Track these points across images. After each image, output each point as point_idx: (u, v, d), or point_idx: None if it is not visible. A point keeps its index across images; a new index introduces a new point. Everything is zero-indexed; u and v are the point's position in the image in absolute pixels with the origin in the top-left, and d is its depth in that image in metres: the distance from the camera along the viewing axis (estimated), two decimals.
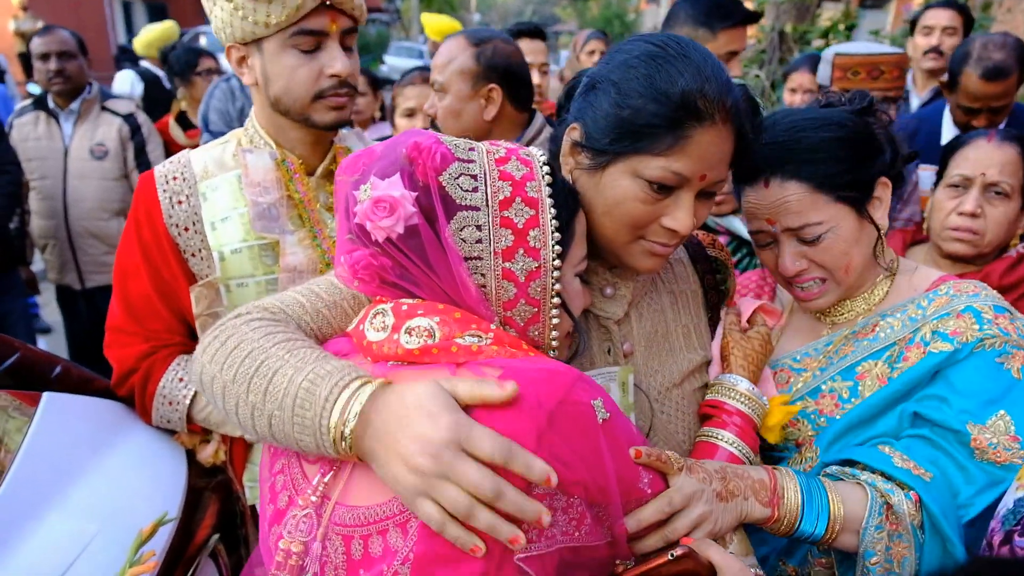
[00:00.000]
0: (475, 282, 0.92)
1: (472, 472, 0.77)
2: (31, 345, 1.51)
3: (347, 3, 1.40)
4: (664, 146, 1.02)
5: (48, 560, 1.17)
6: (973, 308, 1.25)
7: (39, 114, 3.66)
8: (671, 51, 1.04)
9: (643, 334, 1.22)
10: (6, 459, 1.25)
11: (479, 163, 0.94)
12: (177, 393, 1.51)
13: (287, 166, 1.51)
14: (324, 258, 1.52)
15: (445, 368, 0.89)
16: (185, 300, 1.49)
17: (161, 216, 1.46)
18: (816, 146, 1.25)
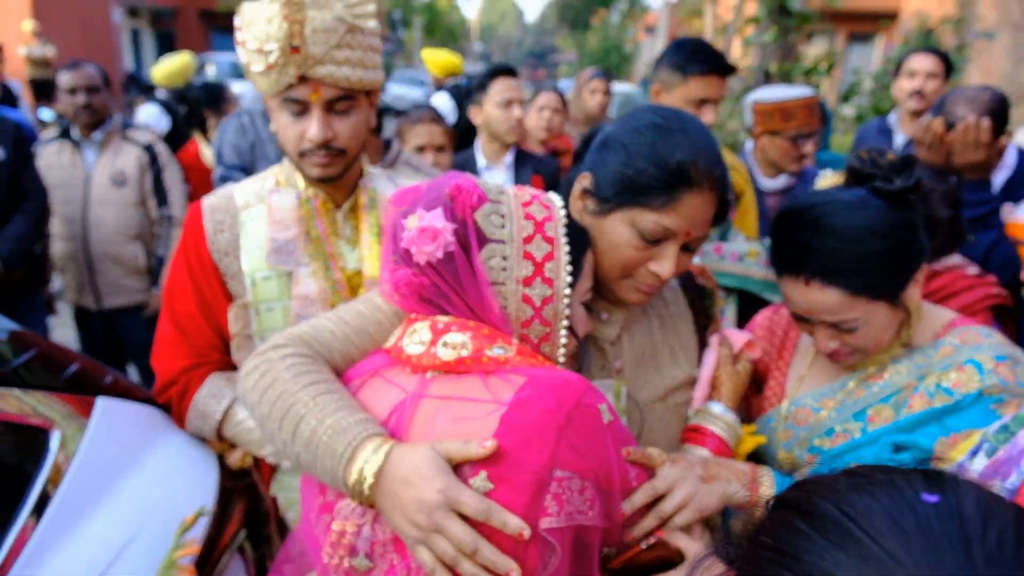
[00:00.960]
0: (499, 303, 1.10)
1: (457, 530, 0.95)
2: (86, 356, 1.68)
3: (328, 78, 1.47)
4: (658, 204, 1.20)
5: (105, 546, 1.33)
6: (975, 360, 1.34)
7: (64, 143, 3.84)
8: (673, 125, 1.23)
9: (632, 354, 1.39)
10: (64, 463, 1.42)
11: (507, 204, 1.12)
12: (209, 408, 1.67)
13: (311, 204, 1.70)
14: (334, 288, 1.67)
15: (477, 376, 1.06)
16: (224, 319, 1.65)
17: (206, 242, 1.63)
18: (858, 259, 1.29)
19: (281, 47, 1.41)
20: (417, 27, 31.12)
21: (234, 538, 1.61)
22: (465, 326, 1.09)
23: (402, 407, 1.07)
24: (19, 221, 3.34)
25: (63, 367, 1.55)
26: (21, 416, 1.32)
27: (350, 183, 1.70)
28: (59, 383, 1.49)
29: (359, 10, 1.46)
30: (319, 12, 1.42)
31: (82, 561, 1.29)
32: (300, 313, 1.64)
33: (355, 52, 1.48)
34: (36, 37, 13.90)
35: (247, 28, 1.46)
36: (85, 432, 1.43)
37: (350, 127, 1.56)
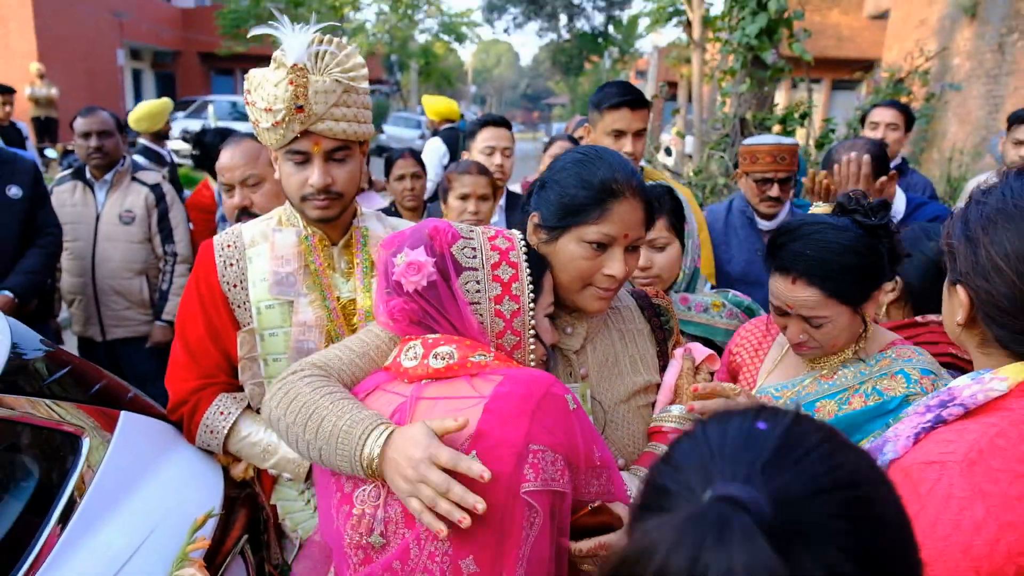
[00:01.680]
0: (476, 319, 1.34)
1: (435, 475, 1.16)
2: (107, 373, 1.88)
3: (327, 132, 1.67)
4: (595, 217, 1.45)
5: (126, 541, 1.51)
6: (905, 372, 1.66)
7: (76, 183, 4.05)
8: (591, 155, 1.52)
9: (596, 362, 1.61)
10: (90, 471, 1.60)
11: (476, 239, 1.38)
12: (217, 424, 1.85)
13: (309, 241, 1.90)
14: (330, 316, 1.86)
15: (463, 379, 1.28)
16: (231, 344, 1.84)
17: (216, 275, 1.83)
18: (837, 268, 1.63)
19: (287, 107, 1.63)
20: (413, 70, 31.79)
21: (237, 543, 1.78)
22: (451, 340, 1.33)
23: (403, 408, 1.30)
24: (34, 255, 3.53)
25: (92, 383, 1.74)
26: (58, 423, 1.51)
27: (345, 223, 1.90)
28: (88, 397, 1.68)
29: (354, 73, 1.69)
30: (320, 76, 1.65)
31: (106, 554, 1.47)
32: (299, 338, 1.83)
33: (350, 109, 1.70)
34: (41, 79, 14.28)
35: (256, 90, 1.69)
36: (110, 441, 1.62)
37: (346, 173, 1.78)
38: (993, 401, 1.08)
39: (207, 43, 26.05)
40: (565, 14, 35.97)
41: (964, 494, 0.99)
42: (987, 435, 1.04)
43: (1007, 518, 0.97)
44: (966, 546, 0.96)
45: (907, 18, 12.62)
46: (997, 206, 1.10)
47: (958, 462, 1.02)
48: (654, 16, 16.65)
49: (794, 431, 0.66)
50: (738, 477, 0.61)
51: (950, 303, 1.21)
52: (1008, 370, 1.10)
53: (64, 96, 15.20)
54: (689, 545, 0.55)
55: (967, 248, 1.12)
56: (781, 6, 4.89)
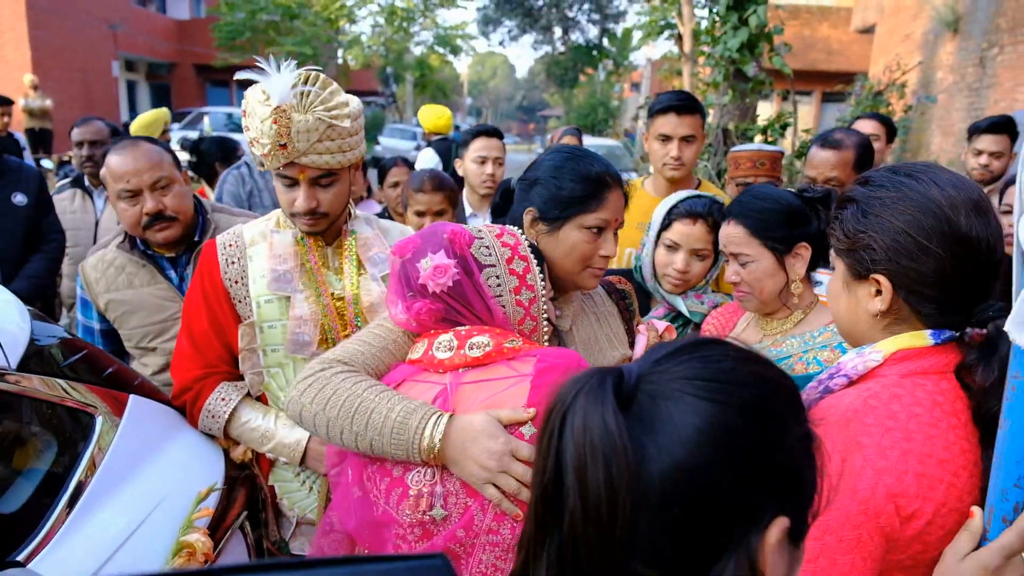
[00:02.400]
0: (500, 310, 1.48)
1: (519, 468, 1.31)
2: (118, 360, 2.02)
3: (311, 164, 1.79)
4: (594, 206, 1.66)
5: (134, 513, 1.65)
6: (842, 346, 1.84)
7: (75, 191, 4.19)
8: (579, 153, 1.75)
9: (581, 340, 1.79)
10: (99, 455, 1.73)
11: (488, 238, 1.52)
12: (218, 409, 1.98)
13: (304, 242, 2.04)
14: (324, 310, 1.99)
15: (501, 364, 1.40)
16: (233, 336, 1.97)
17: (219, 272, 1.97)
18: (760, 210, 1.93)
19: (272, 143, 1.75)
20: (409, 82, 32.04)
21: (237, 519, 1.91)
22: (483, 330, 1.46)
23: (444, 394, 1.41)
24: (38, 261, 3.66)
25: (104, 367, 1.88)
26: (74, 403, 1.65)
27: (337, 228, 2.05)
28: (101, 380, 1.81)
29: (336, 111, 1.78)
30: (302, 115, 1.74)
31: (116, 523, 1.60)
32: (295, 330, 1.97)
33: (334, 143, 1.81)
34: (35, 90, 14.40)
35: (249, 117, 1.80)
36: (121, 421, 1.75)
37: (332, 196, 1.91)
38: (871, 371, 1.23)
39: (202, 55, 26.24)
40: (560, 27, 36.34)
41: (843, 448, 1.13)
42: (861, 397, 1.18)
43: (881, 464, 1.11)
44: (851, 490, 1.10)
45: (892, 32, 12.88)
46: (897, 195, 1.20)
47: (836, 421, 1.16)
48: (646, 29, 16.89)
49: (701, 344, 0.78)
50: (641, 364, 0.78)
51: (853, 297, 1.27)
52: (883, 344, 1.23)
53: (59, 107, 15.32)
54: (567, 390, 0.74)
55: (884, 236, 1.19)
56: (761, 21, 5.07)
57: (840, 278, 1.31)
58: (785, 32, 8.83)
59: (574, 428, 0.71)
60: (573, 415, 0.72)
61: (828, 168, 2.92)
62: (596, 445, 0.69)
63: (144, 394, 1.92)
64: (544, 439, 0.75)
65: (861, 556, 1.09)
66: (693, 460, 0.70)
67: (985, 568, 1.04)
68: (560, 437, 0.72)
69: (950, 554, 1.08)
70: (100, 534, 1.54)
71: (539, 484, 0.76)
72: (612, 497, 0.68)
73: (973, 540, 1.08)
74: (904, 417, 1.15)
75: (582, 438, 0.70)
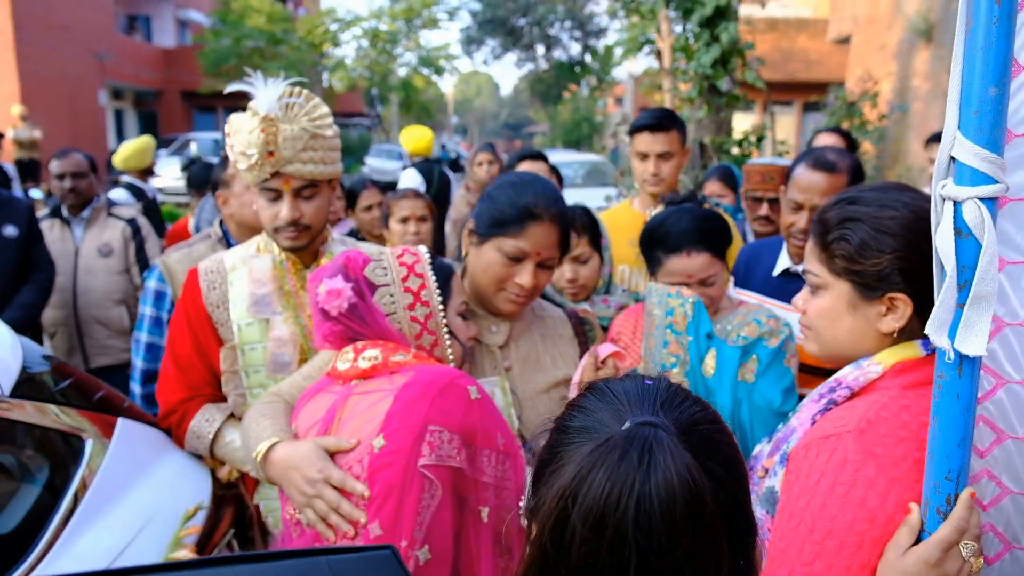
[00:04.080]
0: (395, 327, 1.57)
1: (329, 493, 1.43)
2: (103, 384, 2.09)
3: (295, 173, 1.89)
4: (513, 232, 1.70)
5: (124, 532, 1.71)
6: (756, 319, 2.08)
7: (54, 221, 4.23)
8: (525, 180, 1.80)
9: (519, 358, 1.85)
10: (89, 476, 1.79)
11: (386, 260, 1.61)
12: (203, 430, 2.04)
13: (283, 266, 2.11)
14: (302, 331, 2.06)
15: (385, 376, 1.50)
16: (216, 359, 2.04)
17: (201, 297, 2.04)
18: (711, 231, 2.05)
19: (259, 152, 1.86)
20: (394, 103, 32.22)
21: (224, 536, 1.97)
22: (376, 344, 1.57)
23: (335, 404, 1.53)
24: (29, 290, 3.73)
25: (93, 392, 1.95)
26: (64, 427, 1.71)
27: (314, 249, 2.13)
28: (90, 404, 1.88)
29: (319, 121, 1.91)
30: (288, 125, 1.87)
31: (106, 541, 1.66)
32: (275, 351, 2.04)
33: (317, 152, 1.92)
34: (23, 121, 14.46)
35: (234, 135, 1.91)
36: (110, 443, 1.82)
37: (314, 208, 2.00)
38: (872, 382, 1.27)
39: (189, 82, 26.38)
40: (542, 45, 36.64)
41: (857, 458, 1.17)
42: (872, 408, 1.22)
43: (894, 474, 1.15)
44: (861, 500, 1.14)
45: (867, 42, 13.10)
46: (909, 214, 1.24)
47: (851, 432, 1.19)
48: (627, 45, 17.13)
49: (671, 386, 0.89)
50: (647, 411, 0.82)
51: (862, 318, 1.28)
52: (881, 356, 1.28)
53: (47, 137, 15.37)
54: (629, 459, 0.73)
55: (912, 256, 1.21)
56: (733, 37, 5.20)
57: (843, 299, 1.29)
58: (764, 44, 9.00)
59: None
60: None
61: (817, 194, 2.33)
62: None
63: (132, 417, 1.99)
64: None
65: (859, 564, 1.12)
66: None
67: (926, 562, 1.08)
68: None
69: (892, 549, 1.12)
70: (91, 553, 1.60)
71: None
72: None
73: (912, 534, 1.12)
74: (915, 427, 1.18)
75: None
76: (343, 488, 1.42)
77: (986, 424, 1.24)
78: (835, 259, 1.28)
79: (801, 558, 1.15)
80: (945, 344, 1.05)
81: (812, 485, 1.18)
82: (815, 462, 1.20)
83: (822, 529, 1.14)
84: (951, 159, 1.03)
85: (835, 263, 1.29)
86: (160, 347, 2.55)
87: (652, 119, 2.98)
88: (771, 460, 1.38)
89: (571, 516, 0.72)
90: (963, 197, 1.01)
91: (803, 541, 1.15)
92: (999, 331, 1.20)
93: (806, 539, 1.15)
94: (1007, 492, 1.24)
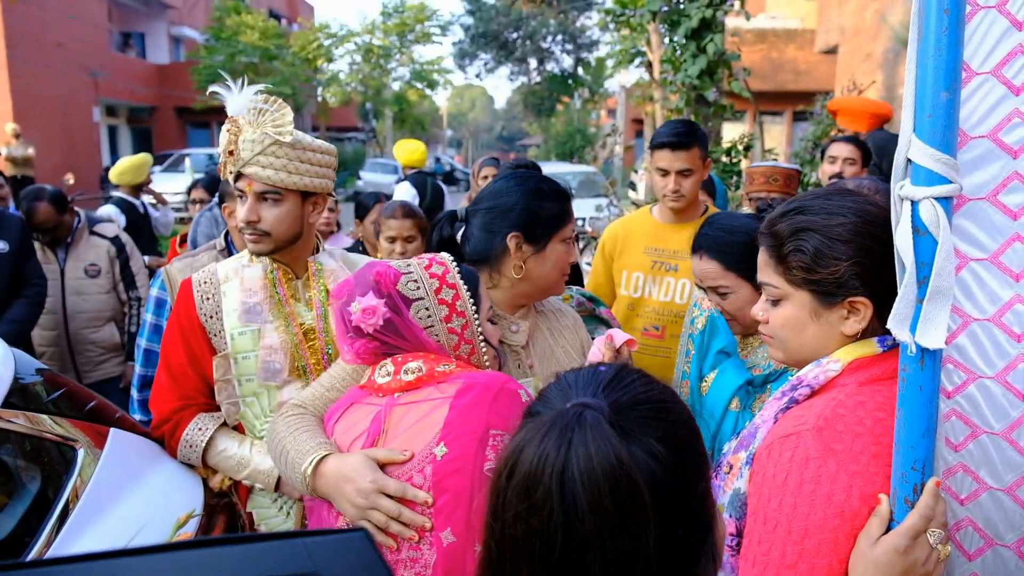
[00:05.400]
0: (433, 340, 1.57)
1: (386, 503, 1.42)
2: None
3: (254, 175, 1.92)
4: (565, 221, 1.84)
5: (115, 541, 1.73)
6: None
7: (37, 244, 4.17)
8: (538, 176, 1.93)
9: (537, 354, 1.90)
10: (81, 486, 1.82)
11: (415, 272, 1.60)
12: (196, 439, 2.06)
13: (274, 275, 2.15)
14: (293, 340, 2.08)
15: (431, 386, 1.48)
16: (209, 369, 2.06)
17: (195, 308, 2.06)
18: (729, 243, 1.98)
19: (223, 151, 1.94)
20: (388, 117, 32.34)
21: None
22: (417, 356, 1.55)
23: (379, 415, 1.52)
24: (21, 305, 3.75)
25: (85, 403, 1.97)
26: (57, 437, 1.74)
27: (304, 260, 2.15)
28: (82, 414, 1.90)
29: (282, 128, 1.94)
30: (250, 128, 1.93)
31: (100, 547, 1.68)
32: (266, 359, 2.06)
33: (279, 159, 1.94)
34: (17, 138, 14.49)
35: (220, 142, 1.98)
36: (102, 453, 1.84)
37: (274, 215, 1.99)
38: (831, 380, 1.30)
39: (182, 98, 26.44)
40: (535, 58, 36.87)
41: (817, 454, 1.20)
42: (830, 406, 1.25)
43: (854, 468, 1.18)
44: (828, 496, 1.17)
45: (854, 53, 13.23)
46: (856, 219, 1.27)
47: (810, 429, 1.22)
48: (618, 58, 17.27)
49: (622, 371, 0.94)
50: (587, 394, 0.88)
51: (825, 324, 1.31)
52: (839, 353, 1.31)
53: (41, 154, 15.38)
54: (556, 433, 0.80)
55: (866, 259, 1.24)
56: (719, 49, 5.27)
57: (805, 308, 1.32)
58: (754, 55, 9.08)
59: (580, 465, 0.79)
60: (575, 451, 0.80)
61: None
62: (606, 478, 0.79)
63: (124, 427, 2.01)
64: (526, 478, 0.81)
65: (839, 559, 1.15)
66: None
67: (896, 550, 1.12)
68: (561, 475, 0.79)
69: (863, 539, 1.15)
70: None
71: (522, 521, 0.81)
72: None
73: (882, 524, 1.16)
74: (870, 422, 1.21)
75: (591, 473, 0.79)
76: (403, 498, 1.41)
77: (959, 418, 1.26)
78: (792, 270, 1.31)
79: (784, 560, 1.17)
80: (907, 338, 1.09)
81: (780, 485, 1.21)
82: (778, 461, 1.23)
83: (799, 530, 1.17)
84: (908, 161, 1.07)
85: (793, 274, 1.31)
86: (157, 353, 2.59)
87: (672, 136, 2.90)
88: (737, 457, 1.40)
89: (506, 488, 0.80)
90: (919, 197, 1.05)
91: (783, 543, 1.18)
92: (967, 326, 1.23)
93: (786, 541, 1.18)
94: (985, 487, 1.26)
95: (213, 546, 0.61)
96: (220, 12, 26.41)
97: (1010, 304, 1.19)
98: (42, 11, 19.84)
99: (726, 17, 5.73)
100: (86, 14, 22.25)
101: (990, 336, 1.21)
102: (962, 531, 1.27)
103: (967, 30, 1.05)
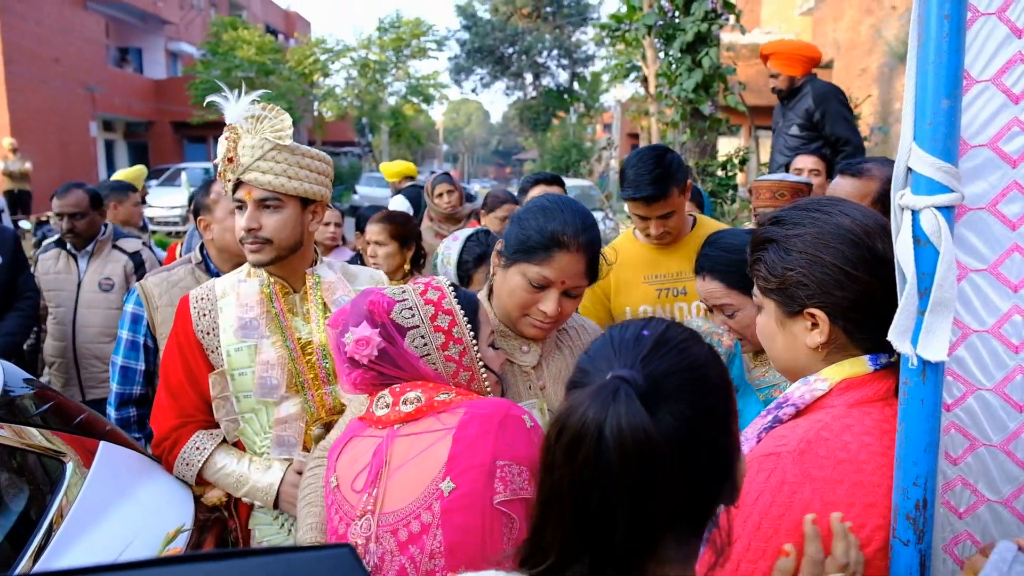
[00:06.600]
0: (431, 369, 1.51)
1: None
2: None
3: (254, 181, 1.90)
4: (539, 259, 1.65)
5: (104, 555, 1.69)
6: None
7: (60, 252, 4.21)
8: (555, 206, 1.72)
9: (551, 375, 1.83)
10: (69, 499, 1.79)
11: (410, 299, 1.54)
12: (192, 458, 2.04)
13: (270, 289, 2.12)
14: (290, 354, 2.06)
15: (432, 417, 1.43)
16: (207, 386, 2.04)
17: (192, 325, 2.04)
18: (730, 262, 1.94)
19: (222, 157, 1.92)
20: (384, 132, 32.44)
21: None
22: (416, 385, 1.50)
23: (380, 448, 1.46)
24: (13, 319, 3.72)
25: (75, 416, 1.95)
26: (47, 449, 1.71)
27: (301, 273, 2.12)
28: (71, 427, 1.88)
29: (282, 133, 1.94)
30: (250, 134, 1.92)
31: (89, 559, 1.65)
32: (262, 375, 2.03)
33: (279, 164, 1.92)
34: (14, 153, 14.50)
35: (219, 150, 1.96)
36: (91, 466, 1.82)
37: (275, 222, 1.97)
38: (818, 400, 1.27)
39: (179, 112, 26.47)
40: (531, 73, 37.06)
41: (795, 479, 1.18)
42: (814, 428, 1.22)
43: (828, 499, 1.16)
44: (797, 523, 1.15)
45: (849, 68, 13.32)
46: (816, 230, 1.27)
47: (791, 452, 1.20)
48: (613, 72, 17.37)
49: (666, 334, 0.96)
50: (627, 365, 0.92)
51: (790, 334, 1.31)
52: (828, 372, 1.28)
53: (38, 169, 15.40)
54: (596, 405, 0.86)
55: (813, 271, 1.24)
56: (714, 62, 5.29)
57: (773, 317, 1.33)
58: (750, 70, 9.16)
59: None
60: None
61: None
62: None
63: (114, 441, 1.99)
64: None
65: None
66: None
67: None
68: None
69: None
70: None
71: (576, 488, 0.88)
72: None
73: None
74: (855, 448, 1.19)
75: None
76: None
77: (958, 431, 1.25)
78: (758, 279, 1.33)
79: (737, 573, 1.17)
80: (908, 350, 1.08)
81: (751, 503, 1.19)
82: (754, 480, 1.21)
83: (757, 549, 1.16)
84: (908, 170, 1.06)
85: (760, 283, 1.34)
86: (134, 370, 2.57)
87: (641, 192, 2.57)
88: None
89: (554, 446, 0.90)
90: (920, 206, 1.04)
91: (738, 559, 1.17)
92: (966, 338, 1.21)
93: (742, 557, 1.17)
94: (983, 500, 1.25)
95: (200, 561, 0.59)
96: (217, 27, 26.52)
97: (1008, 315, 1.18)
98: (39, 27, 19.90)
99: (721, 32, 5.76)
100: (83, 30, 22.34)
101: (989, 348, 1.21)
102: (960, 545, 1.26)
103: (967, 37, 1.04)
